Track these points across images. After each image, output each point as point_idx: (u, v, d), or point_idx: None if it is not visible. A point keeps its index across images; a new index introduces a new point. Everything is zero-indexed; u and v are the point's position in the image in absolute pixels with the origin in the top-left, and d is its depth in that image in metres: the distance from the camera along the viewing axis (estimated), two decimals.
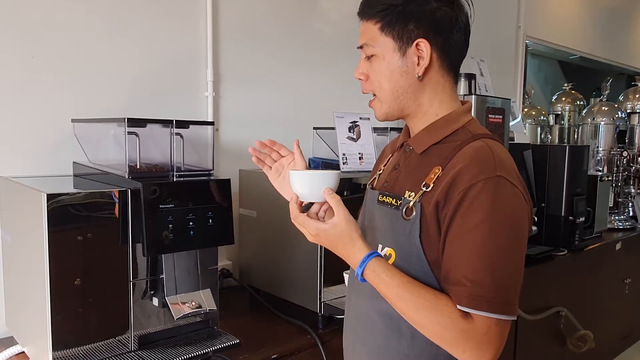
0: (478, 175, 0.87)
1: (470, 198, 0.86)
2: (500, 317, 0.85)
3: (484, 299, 0.84)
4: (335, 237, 0.94)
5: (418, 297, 0.89)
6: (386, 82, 0.98)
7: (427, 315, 0.88)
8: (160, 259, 1.33)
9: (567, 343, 2.66)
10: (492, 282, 0.85)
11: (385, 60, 0.97)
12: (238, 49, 2.07)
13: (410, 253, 0.93)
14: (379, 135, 2.01)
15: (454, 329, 0.86)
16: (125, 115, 1.32)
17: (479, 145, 0.92)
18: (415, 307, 0.89)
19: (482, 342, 0.86)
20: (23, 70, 1.57)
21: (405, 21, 0.94)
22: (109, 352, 1.28)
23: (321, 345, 1.49)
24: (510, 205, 0.87)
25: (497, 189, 0.86)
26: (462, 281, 0.86)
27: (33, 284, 1.25)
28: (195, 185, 1.35)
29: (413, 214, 0.92)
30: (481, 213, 0.85)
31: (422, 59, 0.95)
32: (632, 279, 3.22)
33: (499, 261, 0.86)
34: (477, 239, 0.85)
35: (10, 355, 1.40)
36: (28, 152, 1.59)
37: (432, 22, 0.94)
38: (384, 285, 0.91)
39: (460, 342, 0.87)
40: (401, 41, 0.95)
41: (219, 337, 1.43)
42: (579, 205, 2.63)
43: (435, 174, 0.92)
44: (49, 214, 1.15)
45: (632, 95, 3.95)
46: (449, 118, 0.99)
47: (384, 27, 0.96)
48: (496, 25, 3.44)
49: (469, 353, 0.87)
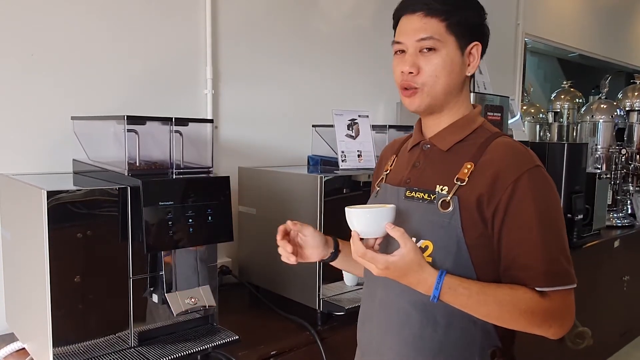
0: (522, 167, 0.96)
1: (523, 188, 0.95)
2: (572, 286, 0.96)
3: (558, 275, 0.95)
4: (405, 267, 0.95)
5: (498, 296, 0.95)
6: (444, 76, 1.03)
7: (513, 309, 0.95)
8: (160, 255, 1.33)
9: (565, 340, 2.66)
10: (562, 259, 0.96)
11: (448, 56, 1.02)
12: (237, 46, 2.08)
13: (450, 243, 0.98)
14: (377, 132, 2.01)
15: (540, 311, 0.94)
16: (125, 112, 1.33)
17: (507, 141, 1.03)
18: (500, 305, 0.95)
19: (564, 313, 0.97)
20: (23, 68, 1.57)
21: (467, 23, 1.03)
22: (109, 348, 1.28)
23: (320, 342, 1.49)
24: (552, 189, 0.99)
25: (541, 176, 0.97)
26: (533, 264, 0.94)
27: (33, 281, 1.25)
28: (195, 182, 1.35)
29: (450, 207, 0.98)
30: (536, 200, 0.95)
31: (474, 60, 1.05)
32: (630, 276, 3.23)
33: (558, 239, 0.97)
34: (539, 223, 0.95)
35: (10, 351, 1.40)
36: (28, 150, 1.60)
37: (481, 29, 1.06)
38: (463, 297, 0.95)
39: (547, 319, 0.96)
40: (462, 41, 1.03)
41: (218, 334, 1.44)
42: (578, 202, 2.63)
43: (469, 169, 0.99)
44: (49, 211, 1.16)
45: (631, 93, 3.95)
46: (469, 118, 1.07)
47: (450, 25, 1.02)
48: (495, 22, 3.41)
49: (555, 327, 0.97)
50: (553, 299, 0.95)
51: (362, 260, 0.97)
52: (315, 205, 1.57)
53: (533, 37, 3.79)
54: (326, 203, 1.57)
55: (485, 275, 0.98)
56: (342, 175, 1.68)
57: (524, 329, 0.98)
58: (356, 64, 2.47)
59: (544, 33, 3.90)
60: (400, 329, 1.05)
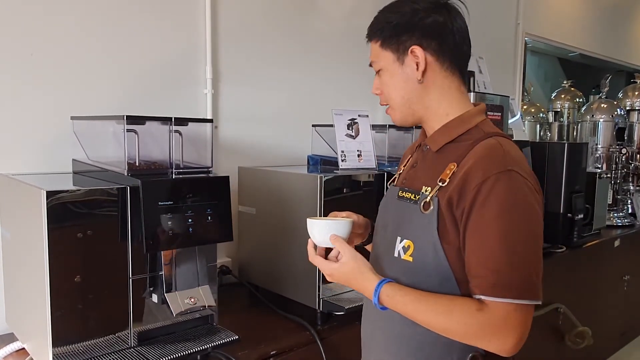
0: (490, 170, 0.92)
1: (485, 192, 0.91)
2: (520, 301, 0.90)
3: (504, 286, 0.89)
4: (347, 274, 1.04)
5: (434, 305, 0.95)
6: (393, 92, 1.07)
7: (448, 319, 0.94)
8: (160, 255, 1.33)
9: (565, 339, 2.66)
10: (511, 270, 0.90)
11: (389, 72, 1.06)
12: (237, 46, 2.08)
13: (427, 244, 0.98)
14: (377, 132, 2.01)
15: (474, 323, 0.91)
16: (124, 112, 1.33)
17: (490, 142, 0.98)
18: (436, 314, 0.95)
19: (503, 329, 0.91)
20: (22, 68, 1.57)
21: (398, 34, 1.03)
22: (108, 348, 1.28)
23: (320, 342, 1.49)
24: (523, 196, 0.92)
25: (510, 182, 0.92)
26: (483, 272, 0.91)
27: (33, 280, 1.25)
28: (194, 182, 1.35)
29: (430, 207, 0.98)
30: (497, 206, 0.90)
31: (419, 63, 1.02)
32: (630, 275, 3.23)
33: (518, 250, 0.90)
34: (495, 231, 0.90)
35: (10, 351, 1.40)
36: (27, 150, 1.60)
37: (422, 29, 1.02)
38: (401, 304, 0.98)
39: (483, 333, 0.92)
40: (398, 52, 1.04)
41: (218, 334, 1.44)
42: (578, 202, 2.63)
43: (451, 170, 0.98)
44: (49, 211, 1.16)
45: (632, 93, 3.95)
46: (462, 118, 1.04)
47: (383, 43, 1.05)
48: (495, 22, 3.44)
49: (493, 342, 0.92)
50: (493, 312, 0.90)
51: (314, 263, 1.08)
52: (315, 205, 1.57)
53: (533, 37, 3.79)
54: (326, 203, 1.57)
55: (464, 279, 0.96)
56: (342, 175, 1.67)
57: (466, 341, 0.95)
58: (356, 63, 2.47)
59: (544, 32, 3.90)
60: (385, 326, 1.08)
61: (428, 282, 0.98)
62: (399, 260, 1.03)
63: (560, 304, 2.55)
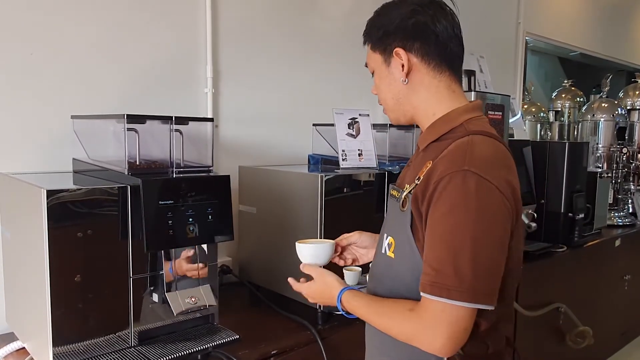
0: (447, 169, 0.92)
1: (439, 190, 0.92)
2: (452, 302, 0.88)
3: (440, 286, 0.89)
4: (318, 290, 1.17)
5: (380, 307, 1.02)
6: (384, 92, 1.10)
7: (389, 320, 1.00)
8: (160, 255, 1.33)
9: (566, 339, 2.66)
10: (453, 270, 0.88)
11: (379, 74, 1.10)
12: (237, 45, 2.07)
13: (404, 240, 1.01)
14: (378, 131, 2.01)
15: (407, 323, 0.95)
16: (125, 111, 1.32)
17: (462, 141, 0.97)
18: (380, 316, 1.02)
19: (430, 326, 0.90)
20: (22, 67, 1.57)
21: (384, 37, 1.06)
22: (109, 347, 1.28)
23: (320, 341, 1.49)
24: (477, 197, 0.89)
25: (463, 182, 0.90)
26: (426, 269, 0.92)
27: (33, 280, 1.25)
28: (195, 181, 1.35)
29: (407, 205, 1.01)
30: (446, 205, 0.90)
31: (403, 65, 1.04)
32: (631, 275, 3.23)
33: (464, 250, 0.88)
34: (441, 229, 0.91)
35: (10, 351, 1.40)
36: (28, 149, 1.60)
37: (405, 31, 1.03)
38: (356, 309, 1.07)
39: (414, 332, 0.93)
40: (385, 54, 1.07)
41: (219, 333, 1.44)
42: (579, 201, 2.63)
43: (427, 167, 0.98)
44: (49, 210, 1.15)
45: (632, 92, 3.95)
46: (448, 117, 1.04)
47: (373, 46, 1.10)
48: (496, 21, 3.44)
49: (423, 340, 0.92)
50: (424, 310, 0.91)
51: None
52: (315, 204, 1.57)
53: (534, 36, 3.78)
54: (327, 202, 1.57)
55: None
56: (342, 174, 1.67)
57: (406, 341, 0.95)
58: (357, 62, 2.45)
59: (545, 32, 3.90)
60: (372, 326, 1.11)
61: (406, 278, 1.00)
62: (385, 256, 1.07)
63: (561, 303, 2.54)
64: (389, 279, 1.05)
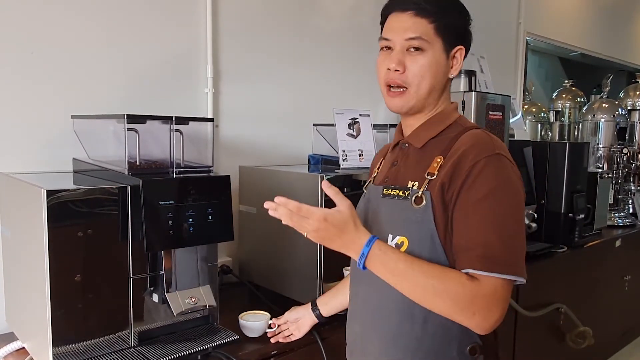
0: (480, 154, 0.96)
1: (475, 174, 0.95)
2: (509, 277, 0.92)
3: (494, 260, 0.92)
4: (342, 223, 0.96)
5: (425, 269, 0.95)
6: (429, 77, 1.05)
7: (437, 285, 0.93)
8: (160, 255, 1.33)
9: (566, 339, 2.66)
10: (501, 245, 0.93)
11: (434, 58, 1.04)
12: (238, 45, 2.07)
13: (424, 238, 0.99)
14: (378, 132, 2.01)
15: (464, 294, 0.92)
16: (125, 111, 1.32)
17: (476, 132, 1.04)
18: (426, 277, 0.94)
19: (490, 303, 0.92)
20: (22, 67, 1.57)
21: (454, 27, 1.06)
22: (109, 347, 1.28)
23: (321, 342, 1.49)
24: (510, 177, 0.97)
25: (498, 164, 0.97)
26: (472, 246, 0.93)
27: (33, 280, 1.25)
28: (195, 181, 1.35)
29: (423, 202, 1.00)
30: (486, 186, 0.94)
31: (457, 63, 1.07)
32: (631, 275, 3.23)
33: (506, 227, 0.94)
34: (485, 209, 0.94)
35: (10, 351, 1.40)
36: (28, 148, 1.59)
37: (466, 35, 1.09)
38: (393, 261, 0.95)
39: (470, 305, 0.92)
40: (448, 44, 1.05)
41: (219, 333, 1.43)
42: (579, 202, 2.63)
43: (438, 163, 1.01)
44: (49, 210, 1.15)
45: (633, 92, 3.94)
46: (443, 114, 1.09)
47: (439, 27, 1.03)
48: (497, 21, 3.43)
49: (477, 315, 0.92)
50: (483, 285, 0.92)
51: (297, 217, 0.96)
52: (315, 204, 1.55)
53: (534, 36, 3.78)
54: (327, 202, 1.56)
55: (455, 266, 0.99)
56: (343, 175, 1.67)
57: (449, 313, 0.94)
58: (357, 62, 2.47)
59: (546, 32, 3.90)
60: (381, 326, 1.07)
61: None
62: None
63: (561, 303, 2.54)
64: None
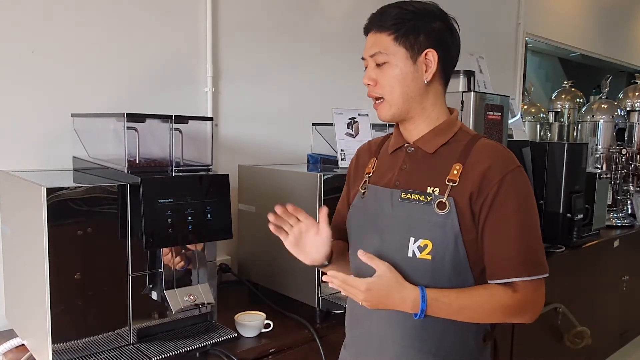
0: (506, 168, 1.04)
1: (506, 186, 1.03)
2: (543, 276, 1.05)
3: (535, 264, 1.04)
4: (386, 286, 1.02)
5: (475, 298, 1.03)
6: (398, 86, 1.09)
7: (491, 307, 1.03)
8: (159, 253, 1.34)
9: (564, 339, 2.67)
10: (536, 250, 1.05)
11: (398, 67, 1.08)
12: (238, 44, 2.08)
13: (447, 241, 1.04)
14: (377, 131, 2.01)
15: (514, 303, 1.03)
16: (125, 110, 1.33)
17: (487, 142, 1.10)
18: (480, 305, 1.03)
19: (536, 300, 1.06)
20: (23, 65, 1.57)
21: (416, 33, 1.07)
22: (108, 345, 1.29)
23: (319, 340, 1.50)
24: (530, 187, 1.08)
25: (522, 176, 1.06)
26: (513, 255, 1.02)
27: (33, 277, 1.26)
28: (194, 180, 1.36)
29: (447, 207, 1.04)
30: (517, 198, 1.04)
31: (429, 66, 1.08)
32: (629, 276, 3.23)
33: (536, 232, 1.06)
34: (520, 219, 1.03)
35: (10, 347, 1.41)
36: (28, 146, 1.60)
37: (436, 37, 1.09)
38: (445, 305, 1.02)
39: (521, 310, 1.05)
40: (412, 50, 1.07)
41: (217, 331, 1.44)
42: (578, 202, 2.63)
43: (458, 170, 1.06)
44: (49, 208, 1.16)
45: (632, 93, 3.95)
46: (450, 122, 1.13)
47: (398, 38, 1.07)
48: (496, 22, 3.44)
49: (529, 313, 1.06)
50: (526, 289, 1.03)
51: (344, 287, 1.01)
52: (314, 203, 1.57)
53: (534, 37, 3.79)
54: (325, 201, 1.57)
55: (478, 270, 1.06)
56: (341, 174, 1.67)
57: (500, 321, 1.06)
58: (356, 62, 2.45)
59: (545, 32, 3.90)
60: (404, 321, 1.08)
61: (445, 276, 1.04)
62: (415, 259, 1.05)
63: (559, 303, 2.55)
64: (425, 281, 1.03)
